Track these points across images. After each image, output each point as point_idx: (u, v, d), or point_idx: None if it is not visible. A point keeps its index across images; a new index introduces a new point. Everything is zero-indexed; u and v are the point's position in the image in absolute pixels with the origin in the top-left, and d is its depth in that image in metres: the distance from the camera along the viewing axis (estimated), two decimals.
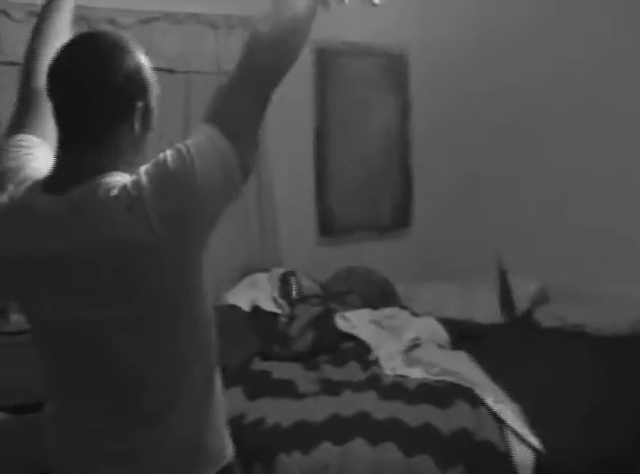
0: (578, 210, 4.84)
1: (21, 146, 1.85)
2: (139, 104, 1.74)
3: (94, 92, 1.68)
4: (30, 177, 1.75)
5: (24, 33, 3.94)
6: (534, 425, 3.20)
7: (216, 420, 1.92)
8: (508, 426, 3.14)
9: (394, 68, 5.26)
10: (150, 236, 1.59)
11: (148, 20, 4.26)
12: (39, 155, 1.83)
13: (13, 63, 3.97)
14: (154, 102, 1.80)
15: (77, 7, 3.96)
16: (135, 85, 1.74)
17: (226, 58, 4.40)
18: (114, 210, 1.60)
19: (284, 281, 4.28)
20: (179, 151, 1.65)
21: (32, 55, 2.04)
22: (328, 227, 5.09)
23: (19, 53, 3.90)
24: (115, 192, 1.61)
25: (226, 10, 4.50)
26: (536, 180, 5.04)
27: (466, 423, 3.13)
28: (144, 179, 1.62)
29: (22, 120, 1.91)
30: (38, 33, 2.10)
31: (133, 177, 1.64)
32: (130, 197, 1.60)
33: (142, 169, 1.65)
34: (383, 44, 5.19)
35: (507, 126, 5.18)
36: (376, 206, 5.29)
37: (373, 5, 2.10)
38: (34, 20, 3.89)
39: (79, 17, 4.05)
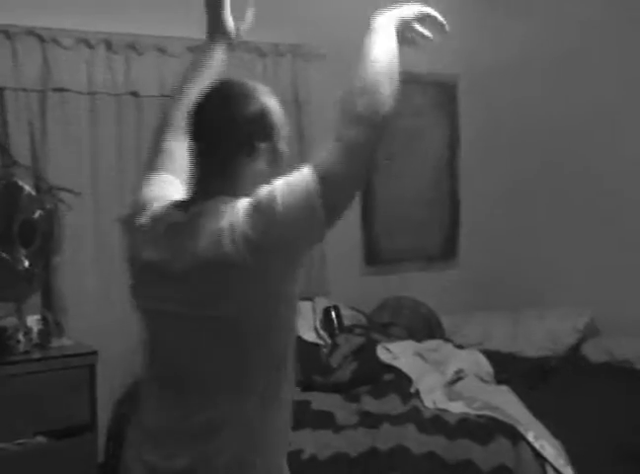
0: (629, 241, 4.76)
1: (161, 182, 2.15)
2: (263, 145, 1.98)
3: (221, 133, 1.97)
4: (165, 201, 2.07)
5: (73, 59, 4.04)
6: (578, 464, 3.14)
7: (270, 448, 2.00)
8: (549, 463, 3.07)
9: (444, 98, 5.24)
10: (235, 257, 1.82)
11: (196, 47, 4.25)
12: (173, 189, 2.13)
13: (62, 89, 4.05)
14: (282, 143, 2.03)
15: (126, 34, 4.08)
16: (258, 128, 1.97)
17: (274, 87, 4.39)
18: (213, 229, 1.86)
19: (327, 316, 4.25)
20: (273, 188, 1.86)
21: (175, 107, 2.26)
22: (374, 257, 5.05)
23: (67, 80, 4.00)
24: (220, 214, 1.88)
25: (276, 38, 4.50)
26: (587, 209, 4.97)
27: (506, 460, 3.07)
28: (242, 207, 1.87)
29: (159, 162, 2.21)
30: (188, 80, 2.32)
31: (238, 203, 1.89)
32: (229, 221, 1.85)
33: (245, 199, 1.89)
34: (433, 74, 5.15)
35: (554, 155, 5.13)
36: (423, 237, 5.25)
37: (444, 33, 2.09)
38: (82, 47, 3.98)
39: (127, 44, 4.13)
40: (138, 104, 4.20)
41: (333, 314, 4.26)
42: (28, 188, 3.67)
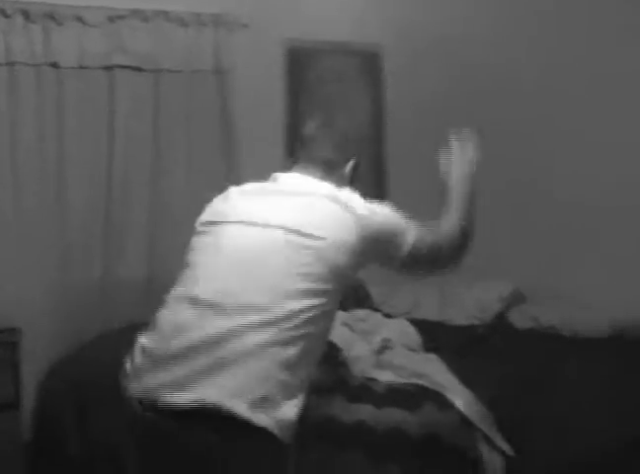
0: (553, 211, 4.82)
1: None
2: (352, 161, 2.76)
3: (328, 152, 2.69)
4: None
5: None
6: (508, 429, 3.16)
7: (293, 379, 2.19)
8: (478, 429, 3.09)
9: (368, 67, 5.21)
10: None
11: (116, 17, 4.19)
12: None
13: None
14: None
15: (43, 4, 3.99)
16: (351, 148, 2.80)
17: (196, 57, 4.34)
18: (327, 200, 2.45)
19: None
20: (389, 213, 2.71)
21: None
22: None
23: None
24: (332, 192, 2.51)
25: (196, 8, 4.44)
26: (512, 179, 5.00)
27: (435, 427, 3.07)
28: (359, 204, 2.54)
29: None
30: None
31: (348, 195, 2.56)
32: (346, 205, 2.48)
33: (360, 199, 2.58)
34: (357, 43, 5.13)
35: (481, 124, 5.13)
36: None
37: None
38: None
39: (45, 14, 4.03)
40: (58, 75, 4.11)
41: None
42: None
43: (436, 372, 3.51)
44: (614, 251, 4.62)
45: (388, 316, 4.38)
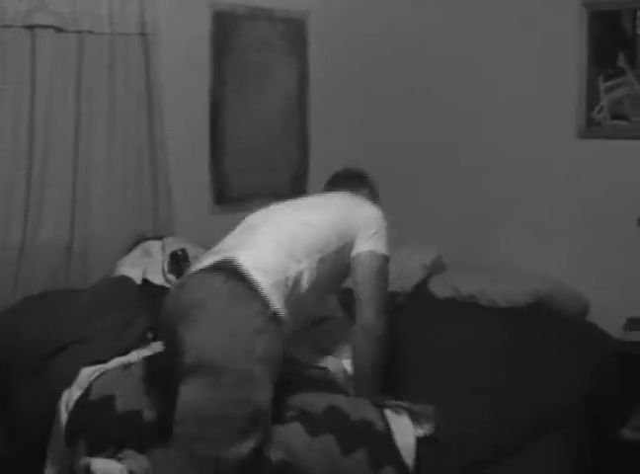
0: (477, 178, 4.90)
1: None
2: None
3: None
4: None
5: None
6: (429, 398, 3.17)
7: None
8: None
9: (293, 33, 5.16)
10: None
11: None
12: None
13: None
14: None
15: None
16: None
17: (120, 19, 4.24)
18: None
19: (174, 260, 4.09)
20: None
21: None
22: (223, 195, 4.96)
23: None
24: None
25: None
26: (435, 146, 5.08)
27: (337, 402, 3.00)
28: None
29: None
30: None
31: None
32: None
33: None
34: (283, 9, 5.08)
35: (405, 92, 5.18)
36: (273, 174, 5.20)
37: None
38: None
39: None
40: None
41: (182, 260, 4.07)
42: None
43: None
44: (537, 219, 4.75)
45: None
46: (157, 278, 3.98)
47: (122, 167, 4.34)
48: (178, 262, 3.99)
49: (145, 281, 3.96)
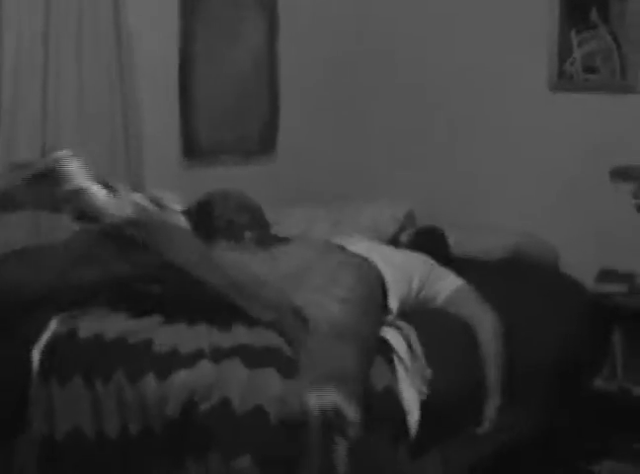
0: (449, 132, 4.93)
1: None
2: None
3: None
4: None
5: None
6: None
7: None
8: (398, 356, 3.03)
9: None
10: None
11: None
12: None
13: None
14: None
15: None
16: None
17: None
18: None
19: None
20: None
21: None
22: (192, 150, 4.90)
23: None
24: None
25: None
26: (408, 101, 5.05)
27: None
28: None
29: None
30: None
31: None
32: None
33: None
34: None
35: (379, 41, 5.14)
36: (243, 129, 5.13)
37: None
38: None
39: None
40: None
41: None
42: None
43: None
44: (509, 173, 4.77)
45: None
46: None
47: (91, 119, 4.23)
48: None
49: None
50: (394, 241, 4.39)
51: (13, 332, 3.27)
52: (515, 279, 4.11)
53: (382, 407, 2.79)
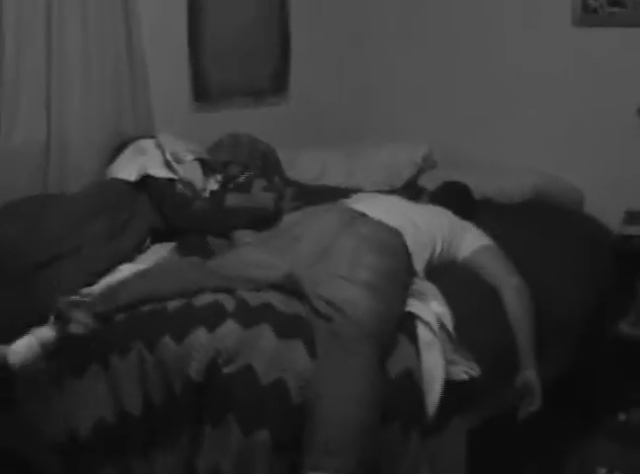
0: (468, 72, 4.80)
1: None
2: None
3: None
4: None
5: None
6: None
7: None
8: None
9: None
10: None
11: None
12: None
13: None
14: None
15: None
16: None
17: None
18: None
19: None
20: None
21: None
22: (203, 92, 4.76)
23: None
24: None
25: None
26: (425, 39, 4.91)
27: None
28: None
29: None
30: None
31: None
32: None
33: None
34: None
35: None
36: (253, 70, 4.98)
37: None
38: None
39: None
40: None
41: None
42: None
43: None
44: (530, 113, 4.62)
45: None
46: (161, 172, 3.80)
47: (99, 64, 4.11)
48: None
49: (145, 178, 3.77)
50: (415, 188, 4.28)
51: (21, 292, 3.18)
52: (537, 224, 3.98)
53: (397, 395, 2.67)
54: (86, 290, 3.10)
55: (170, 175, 3.81)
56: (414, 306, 2.95)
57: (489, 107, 4.70)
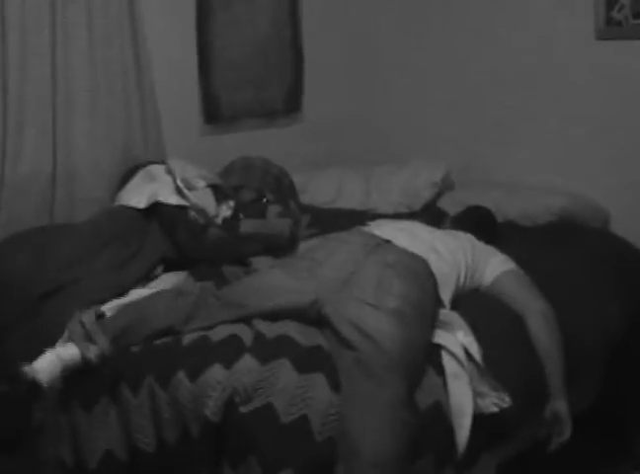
0: (486, 87, 4.66)
1: None
2: None
3: None
4: None
5: None
6: None
7: None
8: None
9: None
10: None
11: None
12: None
13: None
14: None
15: None
16: None
17: None
18: None
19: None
20: None
21: None
22: (214, 114, 4.65)
23: None
24: None
25: None
26: (438, 56, 4.79)
27: None
28: None
29: None
30: None
31: None
32: None
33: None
34: None
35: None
36: (265, 90, 4.87)
37: None
38: None
39: None
40: None
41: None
42: None
43: None
44: (551, 129, 4.47)
45: None
46: (172, 199, 3.68)
47: (107, 90, 4.04)
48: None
49: (156, 205, 3.67)
50: (436, 212, 4.19)
51: (28, 322, 3.11)
52: (563, 246, 3.85)
53: (428, 430, 2.58)
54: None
55: (181, 202, 3.69)
56: (440, 337, 2.86)
57: (510, 123, 4.57)
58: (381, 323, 2.70)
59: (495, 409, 2.73)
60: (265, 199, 3.99)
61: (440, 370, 2.73)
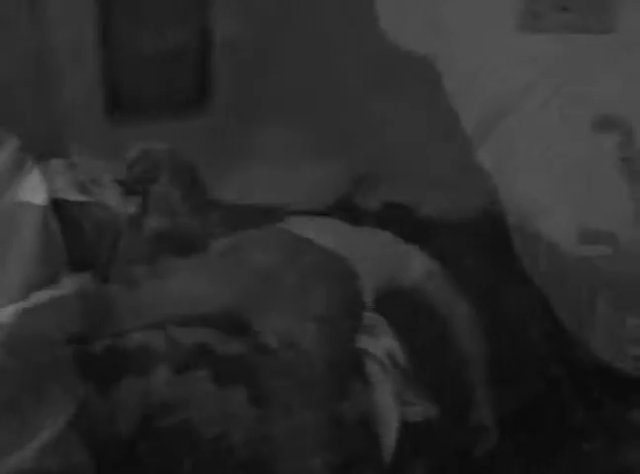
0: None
1: None
2: None
3: None
4: None
5: None
6: None
7: None
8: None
9: None
10: None
11: None
12: None
13: None
14: None
15: None
16: None
17: None
18: None
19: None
20: None
21: None
22: (117, 105, 4.53)
23: None
24: None
25: None
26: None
27: None
28: None
29: None
30: None
31: None
32: None
33: None
34: None
35: None
36: (172, 80, 4.74)
37: None
38: None
39: None
40: None
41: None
42: None
43: None
44: None
45: None
46: (72, 196, 3.49)
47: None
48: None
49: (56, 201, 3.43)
50: (352, 208, 4.22)
51: None
52: (489, 245, 3.83)
53: (353, 439, 2.55)
54: None
55: (84, 198, 3.51)
56: (363, 341, 2.82)
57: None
58: (304, 329, 2.63)
59: (420, 418, 2.71)
60: (172, 195, 3.83)
61: (364, 377, 2.67)
